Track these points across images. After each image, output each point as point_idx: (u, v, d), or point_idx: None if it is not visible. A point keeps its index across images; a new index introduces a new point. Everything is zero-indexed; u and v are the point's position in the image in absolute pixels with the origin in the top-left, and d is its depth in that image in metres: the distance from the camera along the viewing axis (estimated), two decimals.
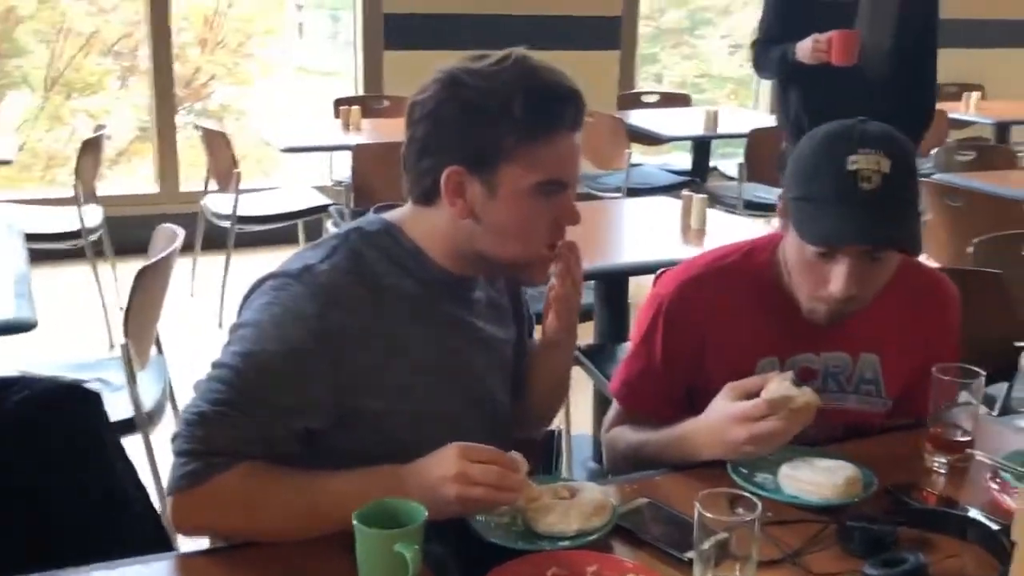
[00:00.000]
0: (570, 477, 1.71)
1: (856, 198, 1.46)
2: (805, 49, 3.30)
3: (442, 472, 1.27)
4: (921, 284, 1.70)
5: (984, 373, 1.57)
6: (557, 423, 1.79)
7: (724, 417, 1.48)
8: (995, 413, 2.43)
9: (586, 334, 3.23)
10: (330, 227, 4.58)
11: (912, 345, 1.68)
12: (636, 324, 1.73)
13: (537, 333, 1.72)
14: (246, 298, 1.41)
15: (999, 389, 2.50)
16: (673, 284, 1.68)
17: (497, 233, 1.39)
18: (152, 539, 1.63)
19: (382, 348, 1.37)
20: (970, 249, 2.75)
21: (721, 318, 1.64)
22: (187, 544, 1.44)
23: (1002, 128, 5.75)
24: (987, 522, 1.34)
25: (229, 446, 1.30)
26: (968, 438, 1.55)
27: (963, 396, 1.55)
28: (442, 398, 1.44)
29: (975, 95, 5.83)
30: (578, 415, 3.09)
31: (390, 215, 1.47)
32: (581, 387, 2.91)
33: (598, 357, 2.83)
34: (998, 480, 1.47)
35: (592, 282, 3.07)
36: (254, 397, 1.31)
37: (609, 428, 1.76)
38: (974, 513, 1.37)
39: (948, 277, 1.77)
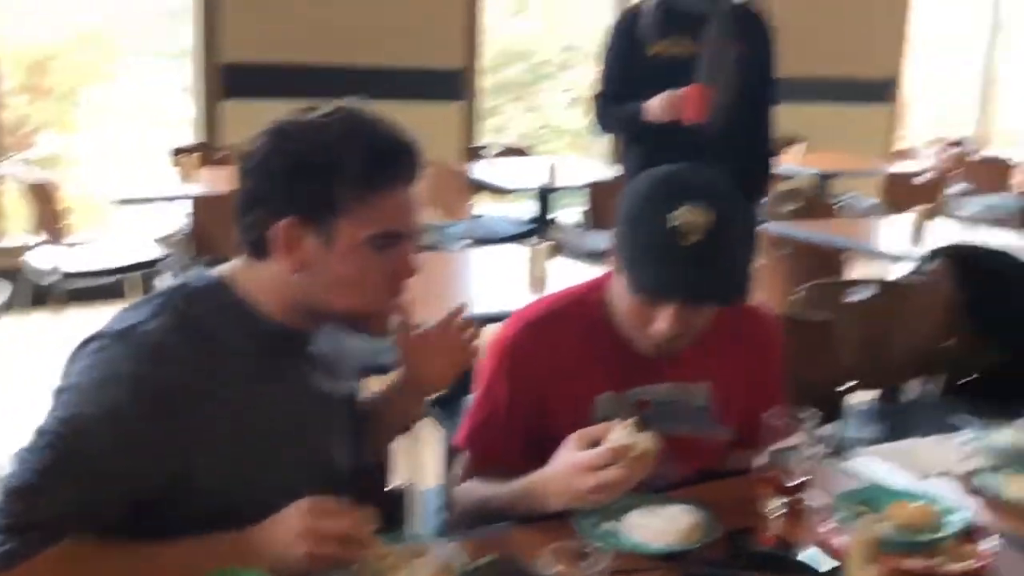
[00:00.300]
0: (418, 533, 1.68)
1: (677, 252, 1.50)
2: (654, 108, 3.23)
3: (290, 530, 1.24)
4: (747, 315, 1.78)
5: (814, 415, 1.63)
6: (406, 477, 1.77)
7: (569, 467, 1.49)
8: (824, 453, 2.53)
9: None
10: (165, 280, 4.43)
11: (740, 373, 1.75)
12: (481, 371, 1.73)
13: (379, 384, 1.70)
14: (70, 361, 1.34)
15: (828, 429, 2.61)
16: (512, 330, 1.70)
17: (334, 286, 1.36)
18: None
19: (213, 409, 1.32)
20: (797, 297, 2.87)
21: (559, 359, 1.67)
22: None
23: (824, 179, 6.08)
24: (820, 563, 1.39)
25: (51, 520, 1.22)
26: (802, 480, 1.61)
27: (796, 439, 1.61)
28: (278, 458, 1.39)
29: (799, 147, 6.16)
30: (427, 468, 3.05)
31: (219, 270, 1.43)
32: (430, 439, 2.89)
33: (447, 408, 2.81)
34: (830, 522, 1.52)
35: None
36: (76, 464, 1.24)
37: (457, 482, 1.75)
38: (809, 553, 1.41)
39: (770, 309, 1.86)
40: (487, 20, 6.41)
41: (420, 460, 2.96)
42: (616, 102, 3.39)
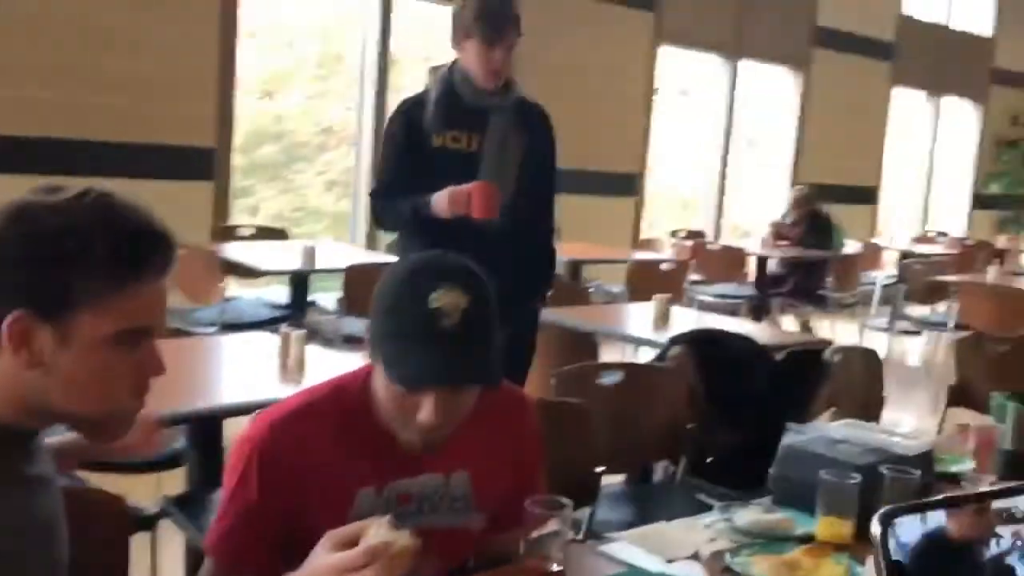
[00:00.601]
0: None
1: (437, 337, 1.50)
2: (442, 203, 3.11)
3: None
4: (502, 399, 1.78)
5: (571, 502, 1.66)
6: None
7: (322, 570, 1.42)
8: (580, 537, 2.57)
9: (176, 482, 3.04)
10: None
11: (499, 459, 1.76)
12: (228, 472, 1.64)
13: None
14: None
15: (583, 513, 2.66)
16: (265, 427, 1.63)
17: (71, 387, 1.23)
18: None
19: None
20: (553, 381, 2.94)
21: (316, 456, 1.62)
22: None
23: (575, 266, 6.34)
24: None
25: None
26: (560, 567, 1.62)
27: (553, 525, 1.62)
28: (32, 563, 1.26)
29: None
30: (166, 573, 2.85)
31: None
32: (169, 541, 2.71)
33: (190, 507, 2.66)
34: None
35: (183, 426, 2.90)
36: None
37: None
38: None
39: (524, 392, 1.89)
40: (240, 98, 6.31)
41: (159, 564, 2.76)
42: (397, 196, 3.26)
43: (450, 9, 3.33)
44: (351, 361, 3.67)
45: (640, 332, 4.27)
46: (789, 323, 7.88)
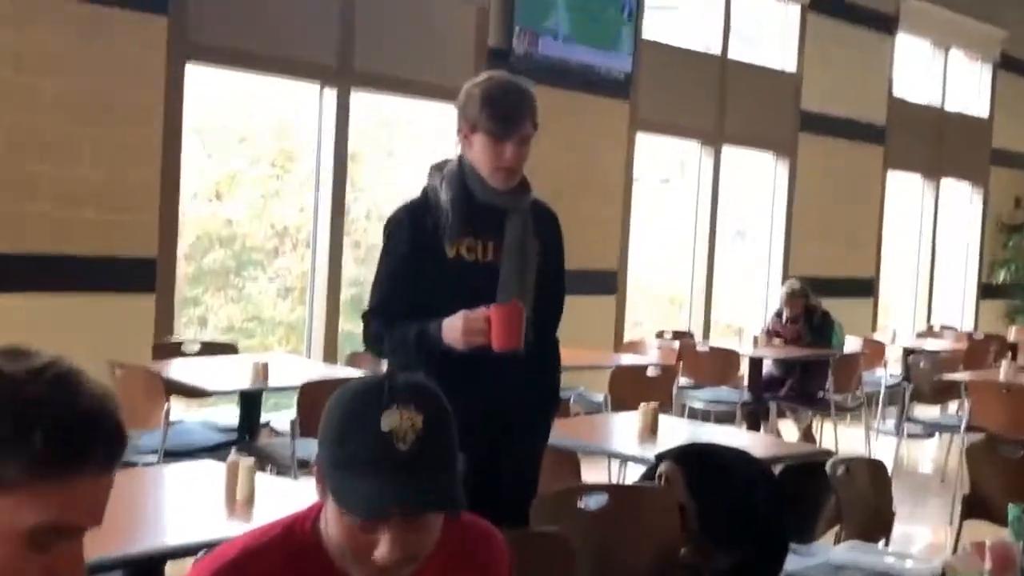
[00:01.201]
0: None
1: (391, 462, 1.49)
2: (454, 333, 2.84)
3: None
4: (470, 534, 1.77)
5: None
6: None
7: None
8: None
9: None
10: None
11: None
12: None
13: None
14: None
15: None
16: (206, 575, 1.60)
17: None
18: None
19: None
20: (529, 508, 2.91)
21: None
22: None
23: None
24: None
25: None
26: None
27: None
28: None
29: None
30: None
31: None
32: None
33: None
34: None
35: (121, 571, 2.85)
36: None
37: None
38: None
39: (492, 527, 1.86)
40: (187, 201, 6.35)
41: None
42: (398, 318, 2.98)
43: (408, 101, 3.31)
44: (306, 490, 3.64)
45: (625, 447, 4.26)
46: (788, 429, 7.88)
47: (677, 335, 8.42)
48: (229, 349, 6.05)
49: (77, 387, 1.21)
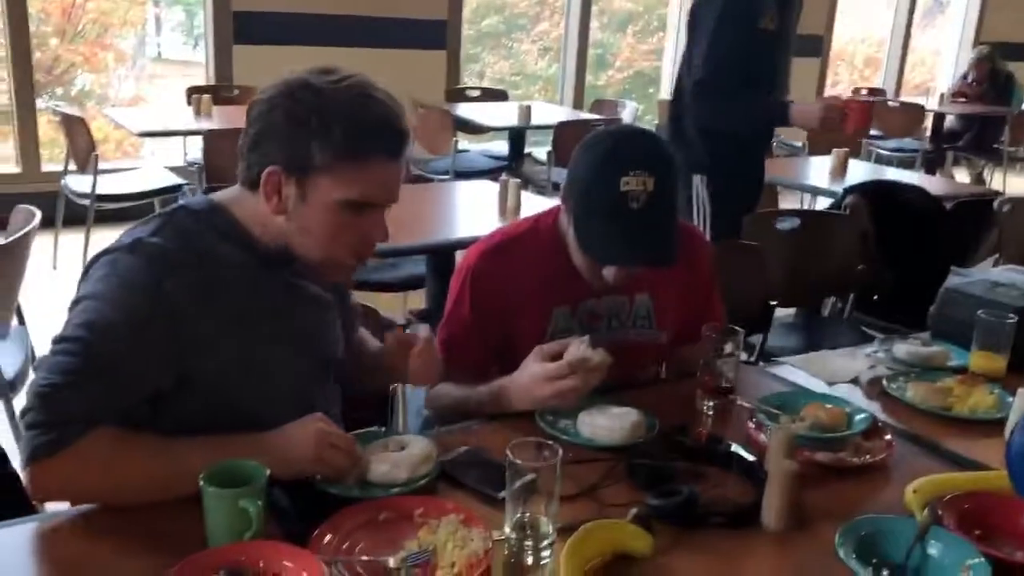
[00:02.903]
0: (405, 429, 1.67)
1: (624, 218, 1.48)
2: (810, 116, 2.65)
3: (304, 432, 1.25)
4: (682, 234, 1.74)
5: (743, 330, 1.64)
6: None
7: (533, 376, 1.49)
8: (752, 360, 2.55)
9: (418, 301, 3.21)
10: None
11: (676, 283, 1.74)
12: (449, 292, 1.72)
13: None
14: (84, 274, 1.30)
15: (756, 339, 2.63)
16: (476, 255, 1.68)
17: (304, 234, 1.31)
18: (13, 503, 1.51)
19: (214, 312, 1.28)
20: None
21: (519, 279, 1.65)
22: (48, 507, 1.32)
23: None
24: (746, 455, 1.40)
25: (82, 414, 1.19)
26: (731, 384, 1.62)
27: (727, 348, 1.61)
28: (276, 357, 1.36)
29: None
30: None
31: (217, 195, 1.38)
32: None
33: (430, 319, 2.80)
34: (754, 420, 1.54)
35: (424, 255, 3.04)
36: (101, 364, 1.21)
37: (436, 384, 1.73)
38: (735, 448, 1.42)
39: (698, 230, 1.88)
40: None
41: None
42: (734, 89, 2.68)
43: None
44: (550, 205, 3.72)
45: (818, 182, 4.06)
46: (962, 175, 7.27)
47: (872, 92, 7.78)
48: (501, 96, 6.07)
49: (369, 94, 1.28)
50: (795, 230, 2.85)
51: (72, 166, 4.40)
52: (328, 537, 1.15)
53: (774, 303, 2.64)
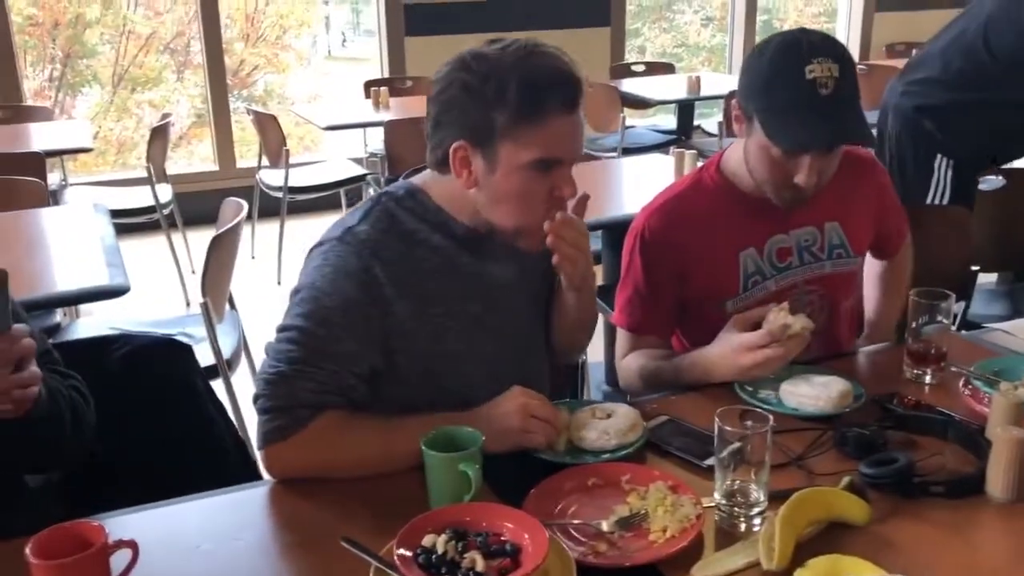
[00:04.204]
0: (592, 400, 1.69)
1: (817, 104, 1.44)
2: None
3: (508, 406, 1.29)
4: (853, 157, 1.70)
5: (952, 295, 1.56)
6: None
7: (733, 346, 1.47)
8: (954, 328, 2.41)
9: (596, 276, 3.23)
10: (369, 193, 4.55)
11: (862, 205, 1.71)
12: (623, 259, 1.71)
13: None
14: (303, 267, 1.39)
15: (959, 307, 2.48)
16: (643, 218, 1.67)
17: (498, 203, 1.34)
18: (241, 468, 1.64)
19: (418, 295, 1.34)
20: None
21: (692, 233, 1.63)
22: None
23: None
24: (965, 423, 1.33)
25: (311, 398, 1.28)
26: (942, 351, 1.54)
27: (935, 315, 1.54)
28: (476, 338, 1.40)
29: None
30: (592, 345, 3.06)
31: (415, 179, 1.44)
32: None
33: (607, 294, 2.80)
34: (970, 387, 1.46)
35: (599, 231, 3.05)
36: (323, 349, 1.29)
37: (622, 355, 1.75)
38: (953, 416, 1.35)
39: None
40: None
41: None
42: None
43: None
44: None
45: None
46: None
47: None
48: (668, 69, 5.97)
49: (537, 51, 1.29)
50: (1000, 190, 2.66)
51: (265, 161, 4.69)
52: (540, 501, 1.19)
53: (976, 268, 2.47)
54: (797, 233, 1.65)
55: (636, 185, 3.34)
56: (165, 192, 4.29)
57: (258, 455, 1.31)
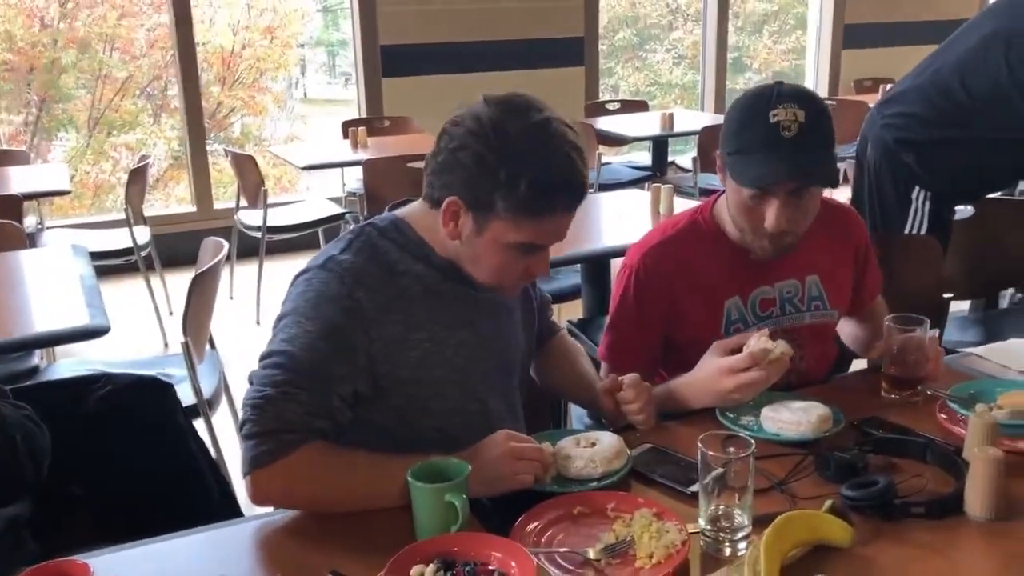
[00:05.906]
0: (575, 429, 1.70)
1: (779, 144, 1.48)
2: None
3: (495, 452, 1.29)
4: (834, 214, 1.75)
5: (927, 320, 1.59)
6: None
7: (714, 371, 1.49)
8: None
9: (575, 310, 3.25)
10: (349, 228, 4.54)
11: (840, 259, 1.75)
12: (613, 294, 1.73)
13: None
14: (287, 294, 1.40)
15: (932, 334, 2.51)
16: (638, 254, 1.69)
17: (473, 261, 1.38)
18: (221, 506, 1.63)
19: (401, 322, 1.36)
20: None
21: (685, 274, 1.66)
22: (253, 510, 1.42)
23: None
24: (943, 445, 1.35)
25: (297, 421, 1.28)
26: (918, 375, 1.56)
27: (914, 338, 1.57)
28: (459, 364, 1.41)
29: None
30: None
31: (400, 211, 1.46)
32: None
33: (587, 328, 2.84)
34: (947, 410, 1.48)
35: (578, 265, 3.08)
36: (308, 373, 1.30)
37: None
38: (931, 438, 1.38)
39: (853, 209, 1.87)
40: None
41: None
42: None
43: None
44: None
45: None
46: None
47: None
48: (642, 106, 6.05)
49: (558, 148, 1.29)
50: (969, 219, 2.71)
51: (243, 202, 4.70)
52: (526, 530, 1.19)
53: (949, 296, 2.52)
54: (780, 285, 1.68)
55: (614, 220, 3.37)
56: (143, 234, 4.28)
57: (243, 482, 1.30)
